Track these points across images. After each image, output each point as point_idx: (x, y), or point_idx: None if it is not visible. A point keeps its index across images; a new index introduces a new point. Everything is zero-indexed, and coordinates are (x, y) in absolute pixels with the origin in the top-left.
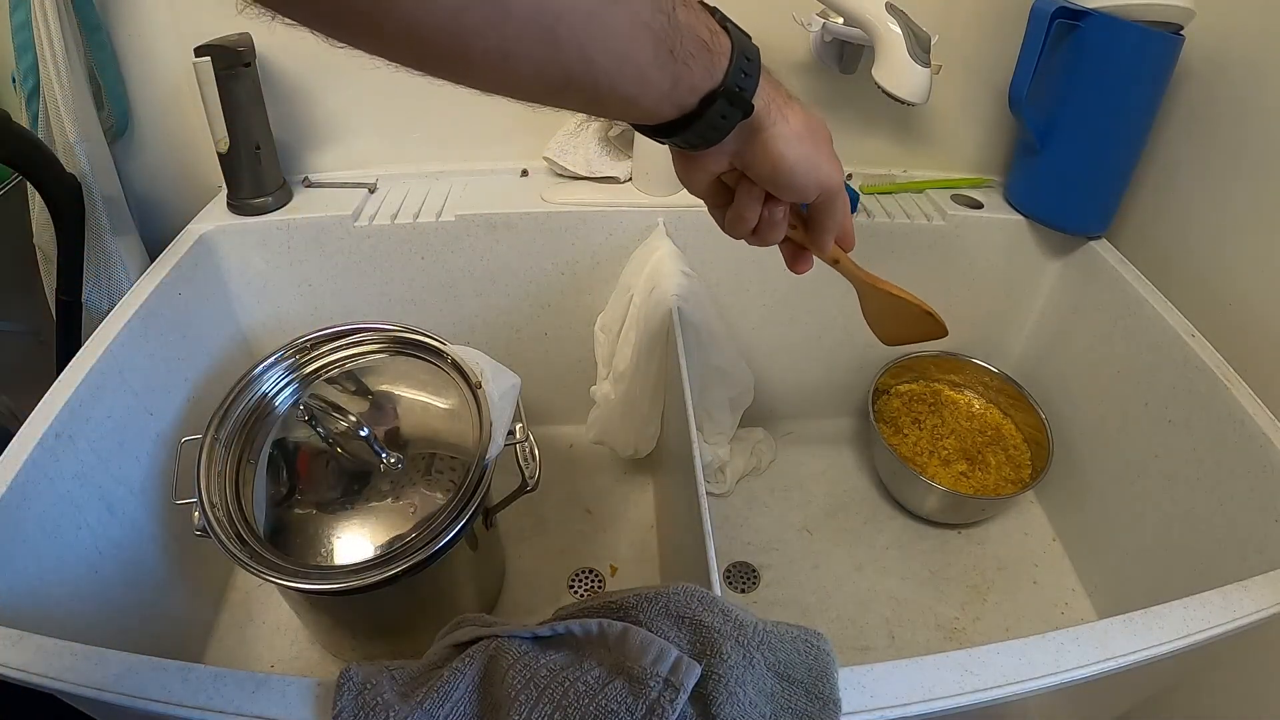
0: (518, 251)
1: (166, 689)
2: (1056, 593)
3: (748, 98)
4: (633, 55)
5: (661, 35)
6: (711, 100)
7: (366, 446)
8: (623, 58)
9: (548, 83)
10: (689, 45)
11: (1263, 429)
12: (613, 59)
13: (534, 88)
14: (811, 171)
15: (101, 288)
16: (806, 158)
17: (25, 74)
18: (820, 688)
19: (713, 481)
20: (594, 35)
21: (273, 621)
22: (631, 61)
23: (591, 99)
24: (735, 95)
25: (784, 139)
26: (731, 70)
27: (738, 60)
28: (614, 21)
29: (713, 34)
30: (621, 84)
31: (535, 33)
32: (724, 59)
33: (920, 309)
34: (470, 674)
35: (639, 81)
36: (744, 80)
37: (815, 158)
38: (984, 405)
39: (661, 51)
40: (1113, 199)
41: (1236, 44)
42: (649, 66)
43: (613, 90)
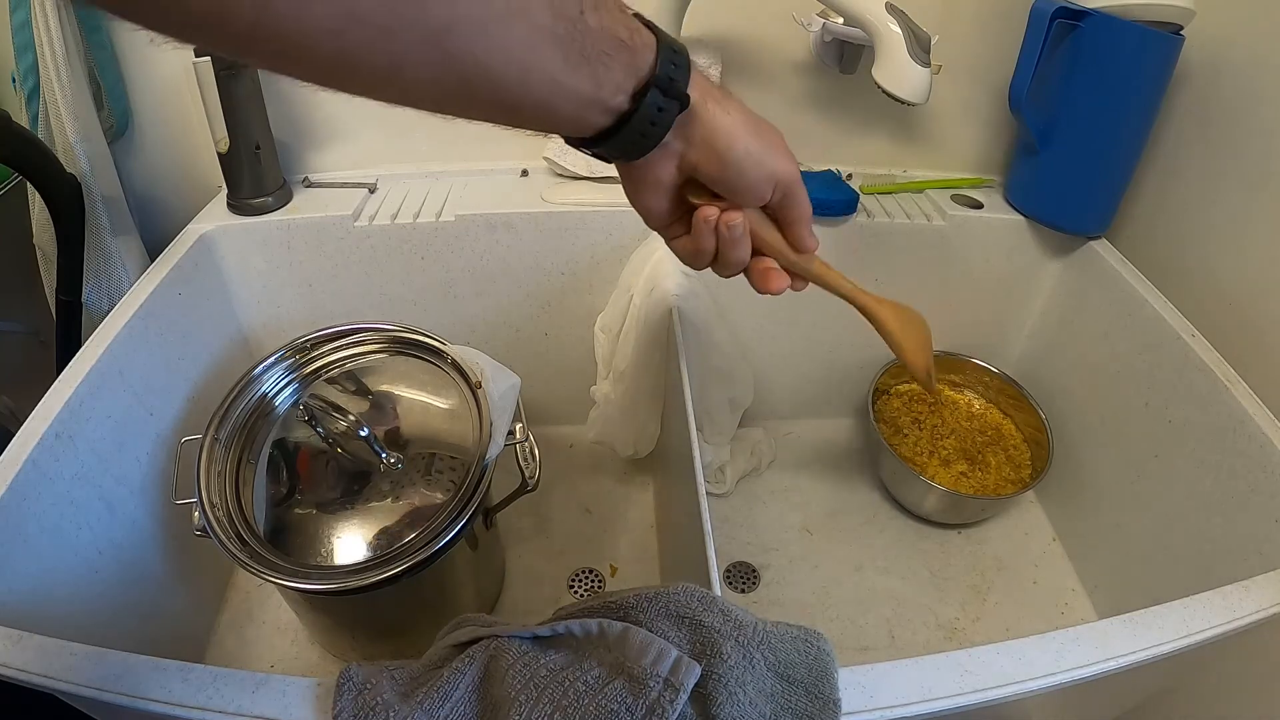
0: (518, 251)
1: (166, 689)
2: (1056, 593)
3: (681, 88)
4: (538, 63)
5: (568, 40)
6: (643, 94)
7: (366, 446)
8: (526, 67)
9: (450, 96)
10: (604, 45)
11: (1263, 429)
12: (515, 69)
13: (439, 101)
14: (763, 162)
15: (101, 288)
16: (755, 149)
17: (25, 74)
18: (820, 688)
19: (713, 481)
20: (489, 47)
21: (273, 621)
22: (538, 70)
23: (504, 110)
24: (667, 85)
25: (727, 131)
26: (659, 62)
27: (664, 53)
28: (509, 32)
29: (633, 31)
30: (532, 92)
31: (423, 50)
32: (649, 53)
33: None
34: (470, 674)
35: (552, 88)
36: (674, 70)
37: (764, 149)
38: (984, 405)
39: (572, 55)
40: (1113, 199)
41: (1237, 44)
42: (560, 73)
43: (524, 99)
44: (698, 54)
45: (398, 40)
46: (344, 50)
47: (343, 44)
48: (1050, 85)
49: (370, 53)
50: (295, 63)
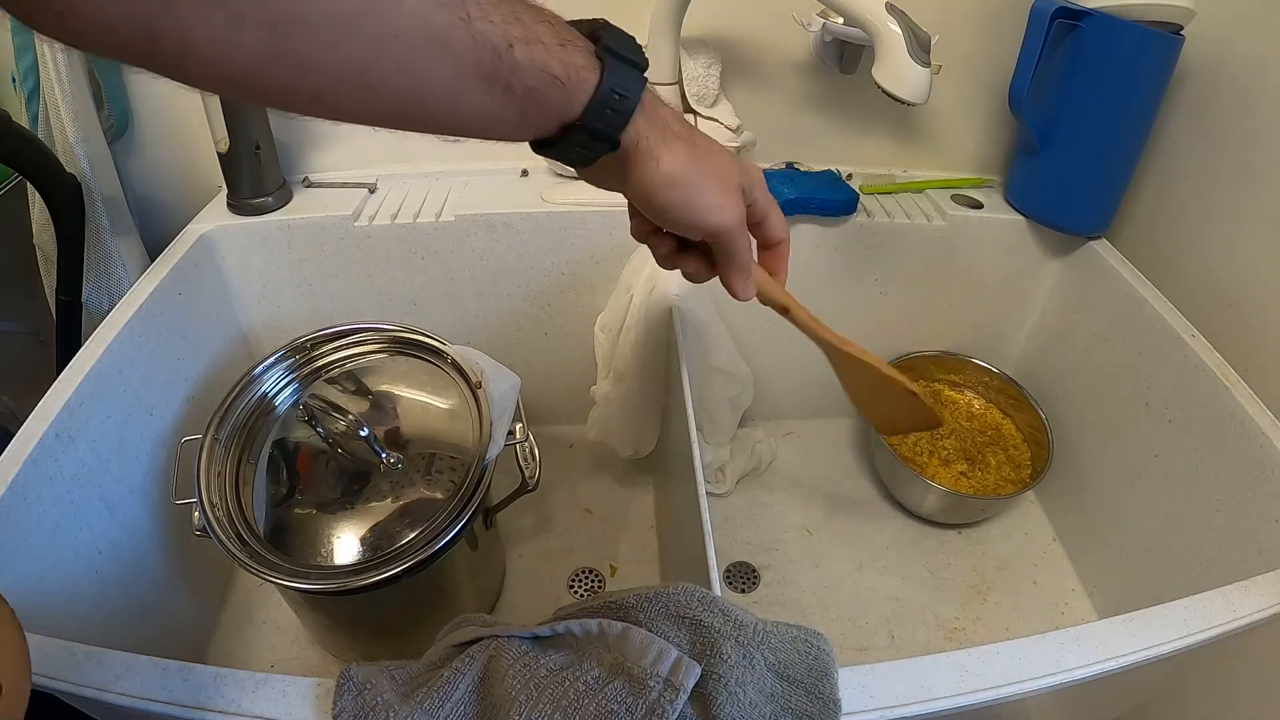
0: (518, 251)
1: (166, 689)
2: (1056, 593)
3: (613, 133)
4: (461, 96)
5: (493, 74)
6: (569, 130)
7: (366, 446)
8: (449, 100)
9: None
10: (531, 81)
11: (1263, 429)
12: (439, 101)
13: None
14: (685, 215)
15: (101, 288)
16: (678, 201)
17: (25, 74)
18: (820, 688)
19: (713, 481)
20: (409, 84)
21: (273, 621)
22: (462, 102)
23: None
24: (593, 131)
25: (652, 181)
26: (592, 106)
27: (603, 97)
28: (429, 68)
29: (570, 69)
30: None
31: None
32: (584, 94)
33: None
34: (470, 674)
35: (480, 116)
36: (607, 117)
37: (692, 200)
38: (984, 405)
39: (496, 89)
40: (1113, 199)
41: (1237, 44)
42: (485, 103)
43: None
44: (697, 54)
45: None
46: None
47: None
48: (1050, 85)
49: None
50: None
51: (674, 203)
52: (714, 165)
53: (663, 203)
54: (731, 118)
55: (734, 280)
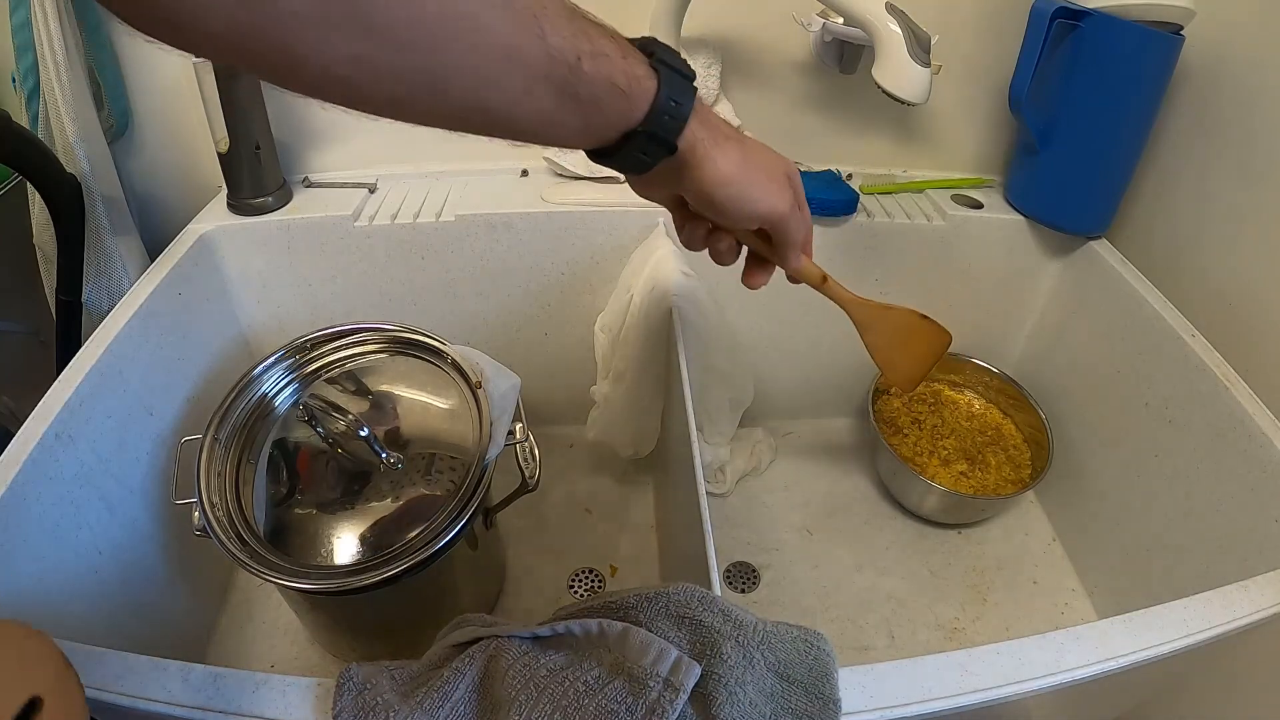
0: (518, 251)
1: (166, 689)
2: (1056, 593)
3: (669, 138)
4: (531, 104)
5: (563, 83)
6: (631, 137)
7: (366, 446)
8: (519, 106)
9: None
10: (598, 91)
11: (1263, 429)
12: (509, 108)
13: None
14: (743, 206)
15: (101, 288)
16: (737, 195)
17: (25, 74)
18: (820, 688)
19: (713, 481)
20: (487, 92)
21: (273, 621)
22: (531, 109)
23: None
24: (654, 136)
25: (710, 180)
26: (652, 113)
27: (661, 104)
28: (505, 79)
29: (632, 80)
30: (526, 126)
31: (429, 94)
32: (644, 103)
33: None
34: (470, 674)
35: (545, 122)
36: (666, 123)
37: (749, 194)
38: (984, 405)
39: (565, 98)
40: (1113, 199)
41: (1237, 44)
42: (553, 110)
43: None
44: (697, 54)
45: (403, 84)
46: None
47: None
48: (1050, 85)
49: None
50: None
51: (732, 197)
52: (763, 160)
53: (723, 198)
54: (731, 118)
55: (789, 257)
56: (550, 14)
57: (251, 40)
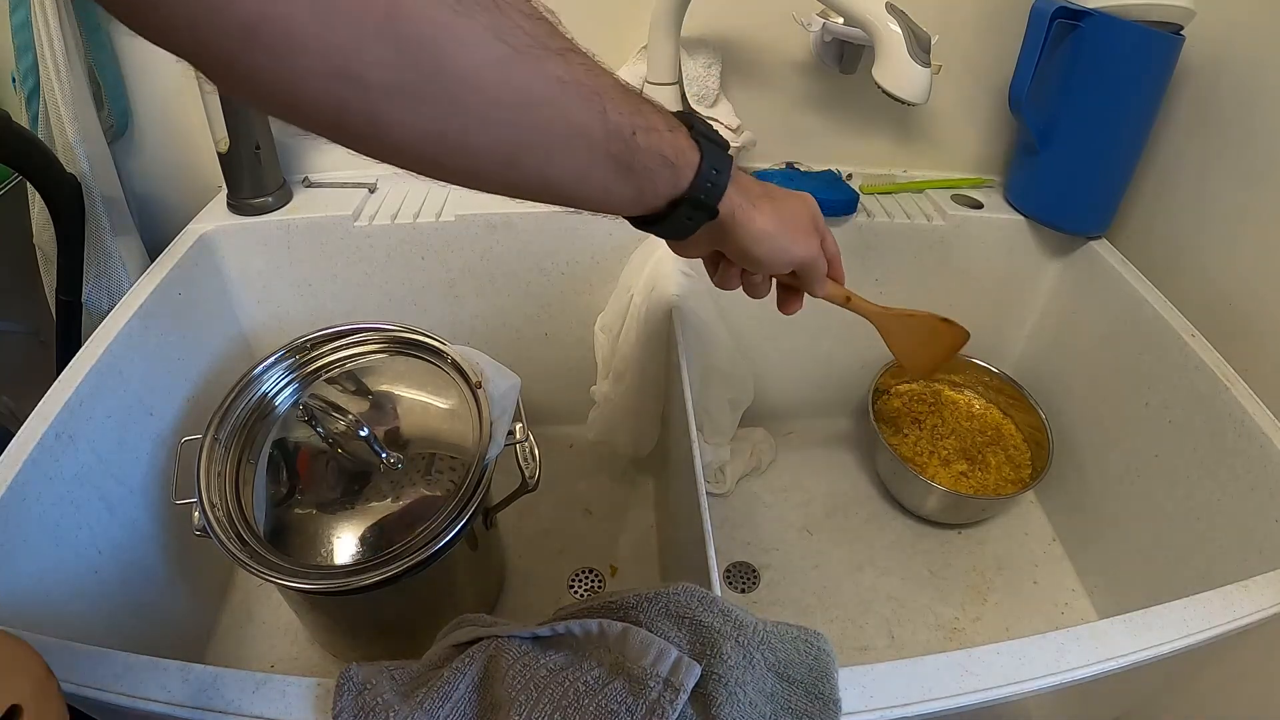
0: (518, 251)
1: (166, 689)
2: (1056, 593)
3: (713, 204)
4: (592, 175)
5: (620, 157)
6: (677, 205)
7: (366, 446)
8: (582, 178)
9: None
10: (649, 162)
11: (1263, 429)
12: (572, 180)
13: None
14: (780, 256)
15: (101, 288)
16: (774, 249)
17: (25, 74)
18: (820, 688)
19: (713, 481)
20: (553, 164)
21: (273, 621)
22: (591, 180)
23: (563, 204)
24: (699, 203)
25: (750, 236)
26: (696, 182)
27: (704, 173)
28: (571, 152)
29: (677, 152)
30: (584, 196)
31: (501, 166)
32: (690, 172)
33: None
34: (470, 674)
35: (602, 193)
36: (709, 190)
37: (784, 245)
38: (984, 405)
39: (621, 169)
40: (1113, 199)
41: (1237, 44)
42: (610, 181)
43: (578, 199)
44: (697, 54)
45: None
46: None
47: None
48: (1050, 85)
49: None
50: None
51: (771, 251)
52: (792, 211)
53: (762, 253)
54: (731, 118)
55: (815, 288)
56: (610, 93)
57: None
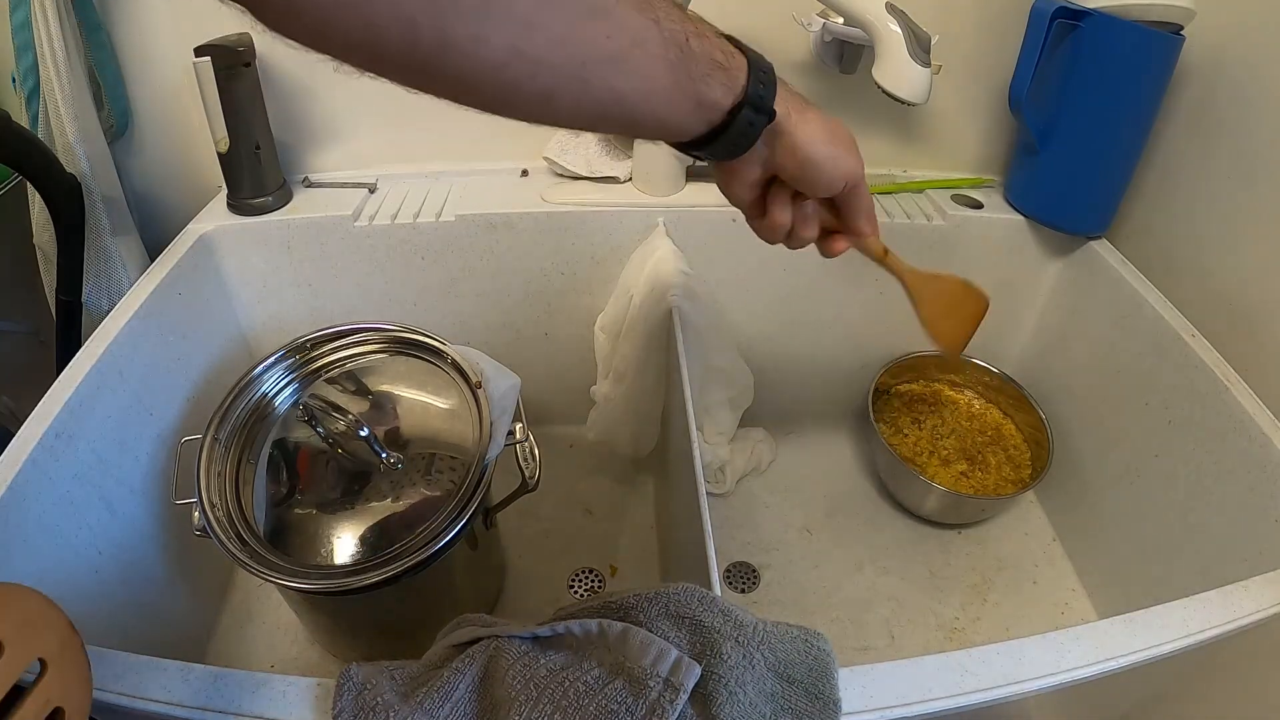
0: (518, 251)
1: (166, 689)
2: (1056, 593)
3: (769, 105)
4: (655, 85)
5: (677, 64)
6: (737, 110)
7: (366, 446)
8: (646, 89)
9: (587, 115)
10: (704, 68)
11: (1263, 429)
12: (637, 91)
13: (576, 120)
14: (836, 166)
15: (101, 288)
16: (830, 156)
17: (25, 74)
18: (820, 688)
19: (713, 481)
20: (618, 74)
21: (273, 621)
22: (655, 90)
23: (627, 125)
24: (758, 103)
25: (808, 140)
26: (750, 83)
27: (755, 74)
28: (634, 61)
29: (727, 55)
30: (650, 109)
31: (568, 80)
32: (742, 75)
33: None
34: (470, 674)
35: (666, 104)
36: (763, 90)
37: (837, 154)
38: (984, 405)
39: (681, 77)
40: (1113, 199)
41: (1237, 44)
42: (671, 91)
43: (643, 115)
44: None
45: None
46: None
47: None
48: (1050, 85)
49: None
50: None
51: (827, 159)
52: (837, 125)
53: (820, 156)
54: None
55: (862, 223)
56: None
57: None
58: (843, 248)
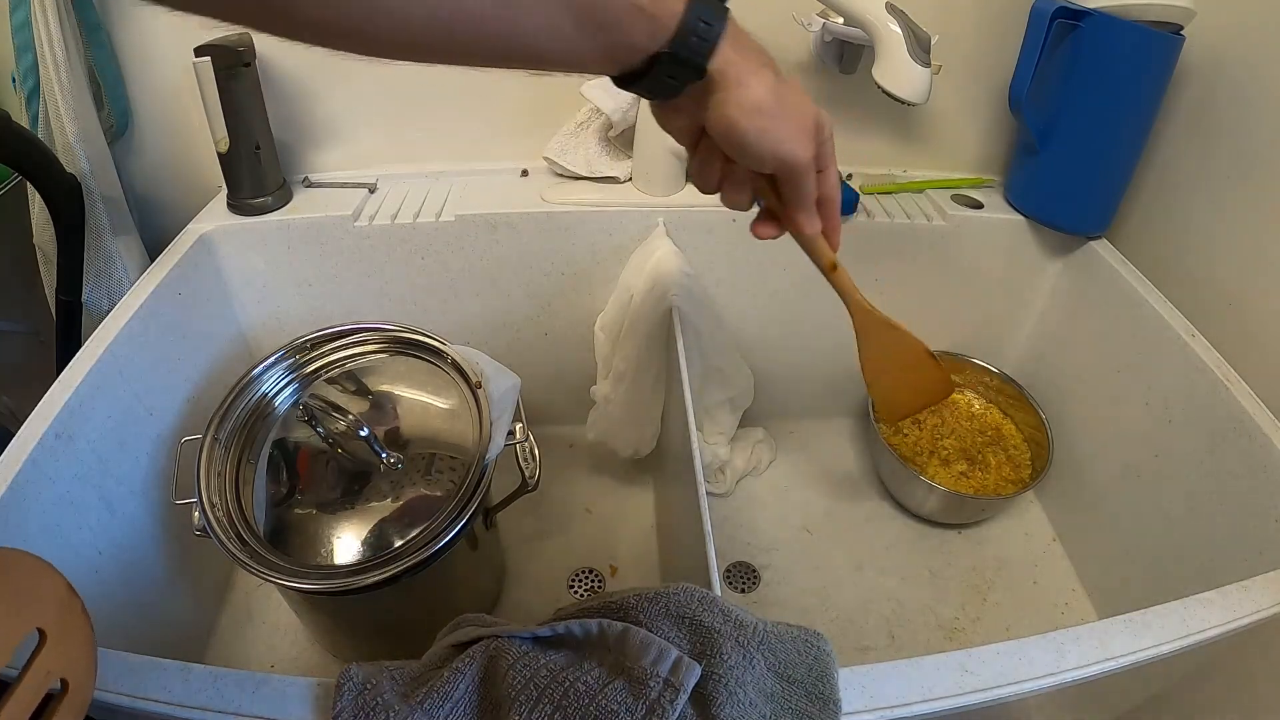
0: (518, 251)
1: (166, 689)
2: (1056, 593)
3: (699, 62)
4: (556, 28)
5: (583, 8)
6: (656, 60)
7: (366, 446)
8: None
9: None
10: (618, 14)
11: (1263, 429)
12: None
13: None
14: (765, 141)
15: (101, 288)
16: (762, 129)
17: (25, 74)
18: (820, 688)
19: (713, 481)
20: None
21: (273, 621)
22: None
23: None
24: (681, 59)
25: (738, 106)
26: (679, 34)
27: (689, 24)
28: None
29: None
30: (552, 50)
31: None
32: (671, 23)
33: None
34: (470, 674)
35: (567, 49)
36: (694, 44)
37: (774, 130)
38: (984, 405)
39: (585, 22)
40: (1113, 199)
41: (1237, 44)
42: (575, 36)
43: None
44: None
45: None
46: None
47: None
48: (1050, 85)
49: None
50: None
51: (759, 130)
52: (794, 100)
53: (748, 129)
54: None
55: (800, 216)
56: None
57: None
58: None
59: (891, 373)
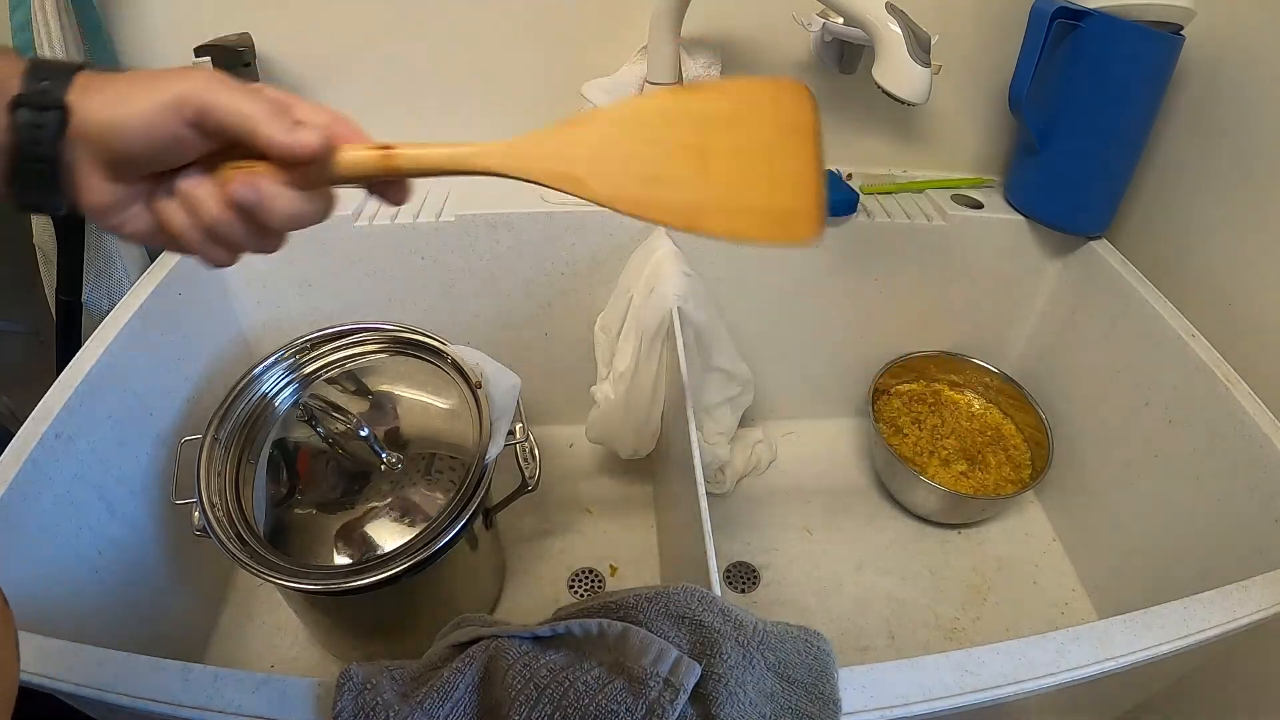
0: (518, 251)
1: (166, 689)
2: (1056, 593)
3: (57, 96)
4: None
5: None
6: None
7: (366, 446)
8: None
9: None
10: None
11: (1263, 429)
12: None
13: None
14: (154, 102)
15: (101, 288)
16: (145, 98)
17: None
18: (820, 688)
19: (713, 481)
20: None
21: (273, 621)
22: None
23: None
24: (41, 97)
25: (114, 102)
26: (26, 81)
27: (34, 72)
28: None
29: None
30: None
31: None
32: (15, 80)
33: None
34: (470, 674)
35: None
36: (48, 85)
37: (155, 93)
38: (984, 405)
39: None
40: (1113, 199)
41: (1237, 44)
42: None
43: None
44: (697, 54)
45: None
46: None
47: None
48: (1050, 85)
49: None
50: None
51: (144, 102)
52: (153, 74)
53: (129, 111)
54: None
55: (261, 137)
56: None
57: None
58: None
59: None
